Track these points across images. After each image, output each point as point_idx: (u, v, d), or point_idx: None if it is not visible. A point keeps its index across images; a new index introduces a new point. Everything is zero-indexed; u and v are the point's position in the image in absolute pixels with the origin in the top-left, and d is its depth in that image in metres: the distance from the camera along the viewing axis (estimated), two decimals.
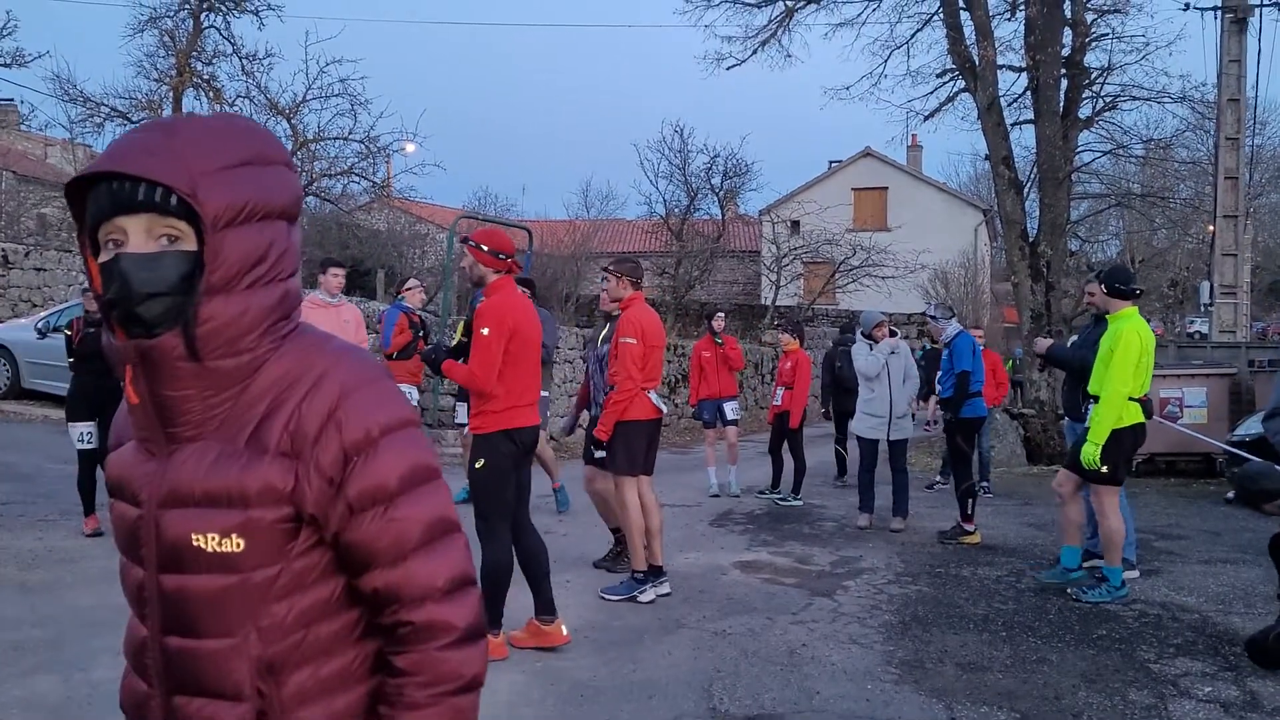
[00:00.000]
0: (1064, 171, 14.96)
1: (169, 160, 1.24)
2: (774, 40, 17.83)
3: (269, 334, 1.31)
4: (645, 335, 6.18)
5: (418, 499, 1.32)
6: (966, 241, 33.69)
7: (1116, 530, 6.27)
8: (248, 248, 1.28)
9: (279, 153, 1.36)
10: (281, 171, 1.34)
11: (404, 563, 1.29)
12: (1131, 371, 6.11)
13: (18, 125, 28.20)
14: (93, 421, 7.41)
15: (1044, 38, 14.47)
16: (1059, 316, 14.87)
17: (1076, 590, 6.43)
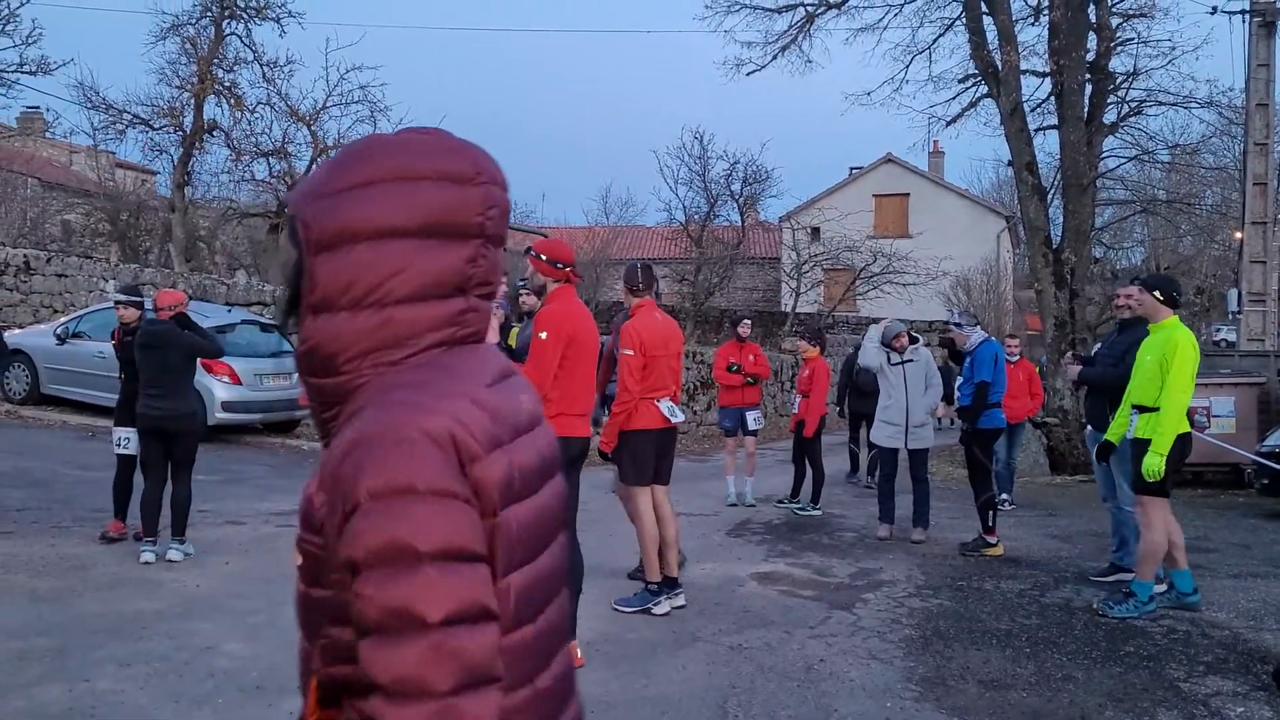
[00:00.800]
0: (1088, 177, 14.77)
1: (298, 187, 1.36)
2: (794, 45, 17.75)
3: (368, 358, 1.28)
4: (644, 345, 6.04)
5: (381, 580, 1.14)
6: (989, 248, 33.45)
7: (1159, 545, 6.10)
8: (338, 271, 1.27)
9: (405, 169, 1.30)
10: (400, 188, 1.29)
11: (361, 641, 1.16)
12: (1190, 380, 6.00)
13: (43, 132, 28.41)
14: (132, 428, 7.36)
15: (1068, 42, 14.30)
16: (1083, 324, 14.68)
17: (1103, 605, 6.27)
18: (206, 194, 24.03)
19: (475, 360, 1.33)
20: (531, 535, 1.28)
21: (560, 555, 1.37)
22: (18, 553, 6.81)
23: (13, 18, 22.54)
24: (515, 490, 1.25)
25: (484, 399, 1.27)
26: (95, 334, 13.69)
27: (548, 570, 1.32)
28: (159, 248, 23.78)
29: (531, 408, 1.37)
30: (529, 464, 1.29)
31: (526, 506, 1.28)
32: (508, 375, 1.37)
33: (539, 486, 1.31)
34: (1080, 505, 10.85)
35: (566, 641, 1.36)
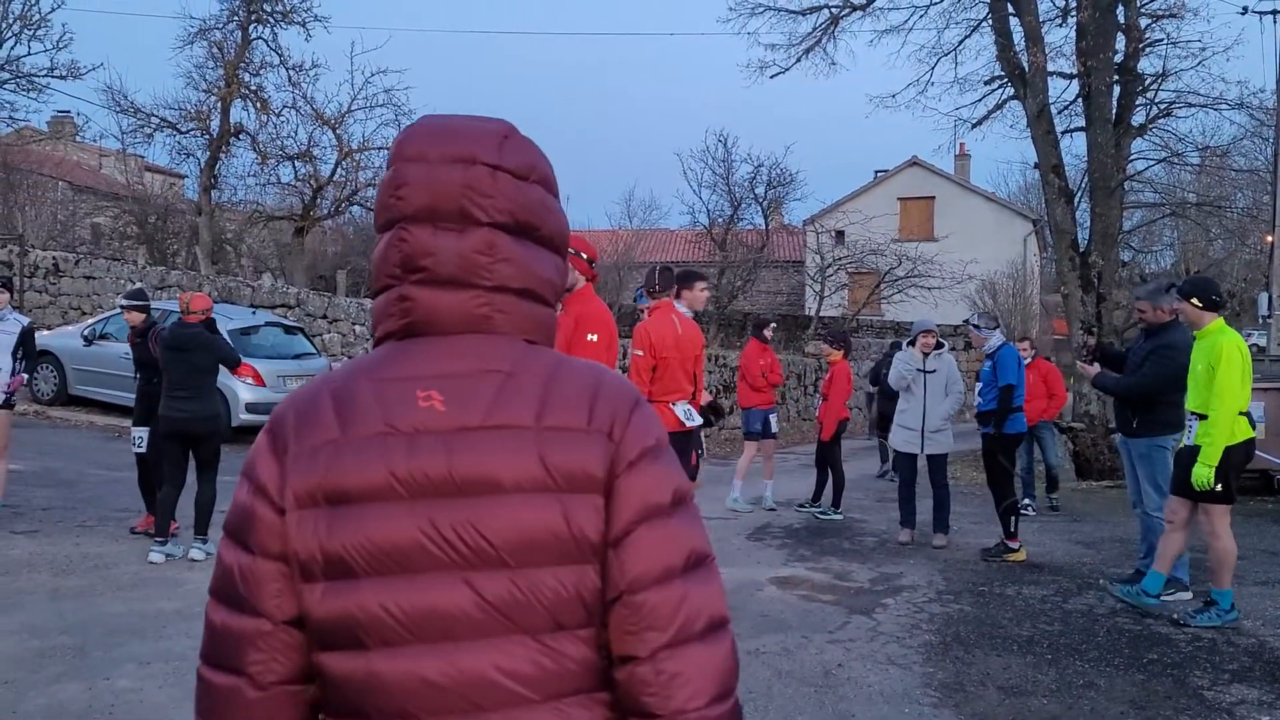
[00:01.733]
0: (1116, 180, 14.62)
1: None
2: (818, 48, 17.69)
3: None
4: (654, 346, 6.02)
5: None
6: (1015, 252, 33.20)
7: (1229, 551, 5.98)
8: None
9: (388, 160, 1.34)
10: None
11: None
12: (1239, 385, 5.89)
13: (73, 136, 28.75)
14: (145, 428, 7.54)
15: (1096, 43, 14.16)
16: (1110, 328, 14.52)
17: (1184, 615, 6.14)
18: (233, 197, 24.26)
19: (395, 353, 1.27)
20: (350, 554, 1.17)
21: (461, 597, 1.16)
22: (42, 551, 6.87)
23: (44, 23, 22.85)
24: (323, 494, 1.18)
25: (342, 389, 1.24)
26: (122, 336, 13.79)
27: (409, 604, 1.16)
28: (186, 250, 24.00)
29: (454, 409, 1.21)
30: (371, 468, 1.18)
31: (353, 515, 1.17)
32: (431, 375, 1.23)
33: (398, 498, 1.18)
34: (1106, 511, 10.73)
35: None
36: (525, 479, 1.18)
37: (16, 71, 23.40)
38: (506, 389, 1.23)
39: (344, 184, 23.03)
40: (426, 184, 1.26)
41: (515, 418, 1.21)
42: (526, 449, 1.19)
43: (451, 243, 1.26)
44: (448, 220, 1.26)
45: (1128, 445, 6.93)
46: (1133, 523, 8.62)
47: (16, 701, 4.30)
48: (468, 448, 1.19)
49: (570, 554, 1.18)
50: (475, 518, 1.17)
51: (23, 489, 8.66)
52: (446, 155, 1.27)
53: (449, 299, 1.26)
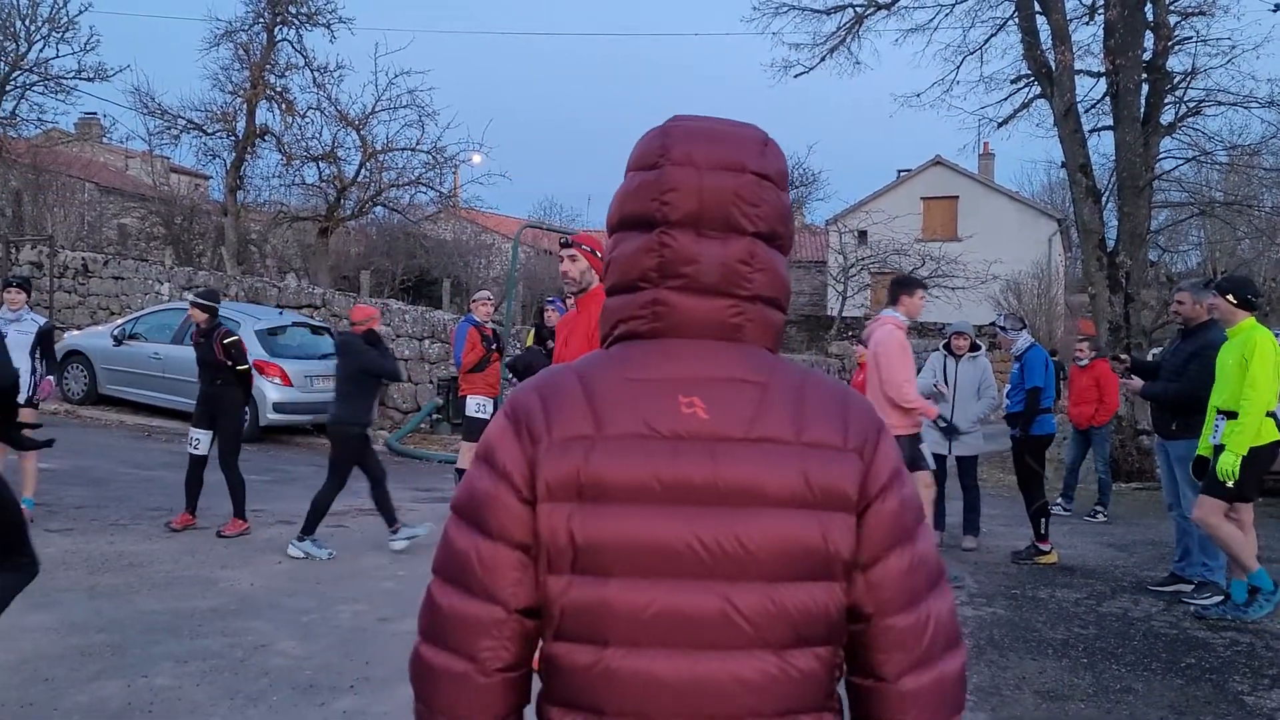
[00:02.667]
0: (1144, 179, 14.47)
1: None
2: (843, 47, 17.58)
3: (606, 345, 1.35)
4: None
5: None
6: (1040, 252, 32.97)
7: (1234, 534, 5.97)
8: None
9: (640, 159, 1.32)
10: (628, 179, 1.33)
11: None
12: (1272, 379, 5.84)
13: (100, 138, 29.01)
14: (205, 430, 7.80)
15: (1124, 41, 14.04)
16: (1138, 329, 14.39)
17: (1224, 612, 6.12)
18: (258, 198, 24.40)
19: (644, 353, 1.26)
20: (605, 550, 1.18)
21: (709, 603, 1.17)
22: (77, 549, 6.93)
23: (71, 25, 23.06)
24: (580, 488, 1.19)
25: (602, 385, 1.23)
26: (151, 335, 13.96)
27: (661, 606, 1.17)
28: (212, 251, 24.16)
29: (716, 417, 1.21)
30: (634, 467, 1.18)
31: (612, 512, 1.18)
32: (690, 379, 1.23)
33: (657, 501, 1.18)
34: (1138, 513, 10.65)
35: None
36: (787, 494, 1.19)
37: (45, 74, 23.65)
38: (765, 401, 1.23)
39: (368, 185, 23.13)
40: (696, 190, 1.25)
41: (776, 431, 1.21)
42: (789, 464, 1.20)
43: (716, 251, 1.25)
44: (713, 228, 1.26)
45: (1165, 448, 6.85)
46: (1165, 525, 8.56)
47: (57, 699, 4.33)
48: (732, 458, 1.19)
49: (822, 571, 1.21)
50: (737, 528, 1.18)
51: (55, 487, 8.73)
52: (717, 161, 1.26)
53: (706, 306, 1.26)
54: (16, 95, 23.71)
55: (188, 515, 7.80)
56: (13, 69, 23.25)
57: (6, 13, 22.85)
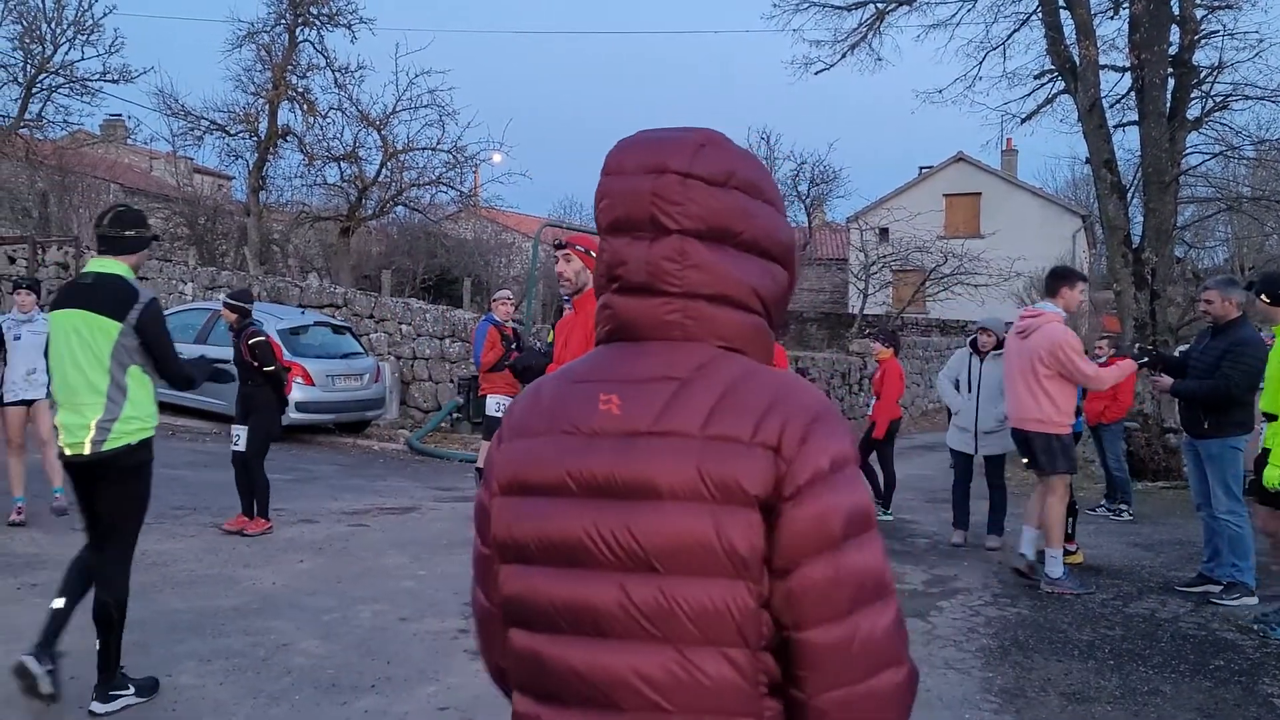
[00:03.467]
0: (1170, 175, 14.31)
1: None
2: (864, 43, 17.47)
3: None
4: None
5: None
6: (1064, 248, 32.69)
7: None
8: None
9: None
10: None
11: None
12: None
13: (125, 139, 29.24)
14: (243, 426, 7.87)
15: (1150, 35, 13.88)
16: (1164, 326, 14.23)
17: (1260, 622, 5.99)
18: (280, 198, 24.54)
19: (596, 357, 1.34)
20: (527, 543, 1.27)
21: (611, 595, 1.20)
22: None
23: (96, 28, 23.26)
24: (515, 485, 1.29)
25: (549, 389, 1.33)
26: (174, 335, 14.01)
27: (568, 595, 1.22)
28: (235, 251, 24.31)
29: (628, 413, 1.24)
30: (551, 464, 1.26)
31: (534, 506, 1.27)
32: (614, 379, 1.27)
33: (568, 495, 1.24)
34: (1163, 513, 10.53)
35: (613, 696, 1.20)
36: (681, 487, 1.18)
37: (70, 76, 23.89)
38: (679, 396, 1.23)
39: (389, 184, 23.21)
40: (621, 195, 1.31)
41: (681, 425, 1.21)
42: (686, 457, 1.19)
43: (641, 251, 1.29)
44: (640, 229, 1.30)
45: (1195, 446, 6.75)
46: (1193, 525, 8.46)
47: (82, 697, 4.35)
48: (633, 452, 1.21)
49: (720, 568, 1.17)
50: (631, 521, 1.20)
51: None
52: (639, 166, 1.31)
53: (640, 306, 1.29)
54: (43, 97, 23.97)
55: (244, 517, 7.85)
56: (39, 71, 23.49)
57: (33, 16, 23.09)
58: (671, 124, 1.36)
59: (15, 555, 6.64)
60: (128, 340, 4.30)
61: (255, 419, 7.82)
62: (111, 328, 4.27)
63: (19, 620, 5.33)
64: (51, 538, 7.13)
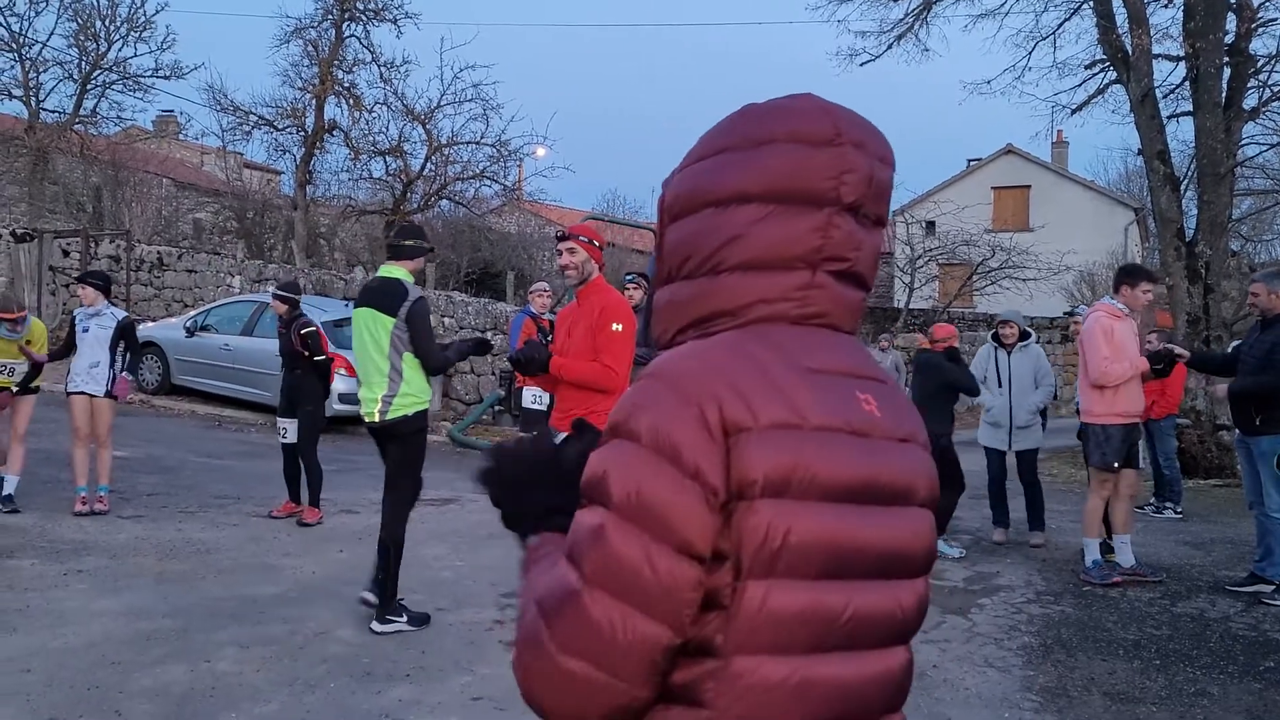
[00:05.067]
0: (1225, 166, 13.98)
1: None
2: (910, 34, 17.28)
3: (698, 328, 1.23)
4: None
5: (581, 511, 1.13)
6: (1116, 242, 32.12)
7: None
8: (682, 239, 1.26)
9: (759, 133, 1.23)
10: (750, 153, 1.23)
11: None
12: None
13: (176, 135, 29.71)
14: (291, 419, 7.94)
15: (1205, 24, 13.57)
16: (1218, 321, 13.92)
17: None
18: (327, 192, 24.77)
19: (803, 341, 1.18)
20: (813, 551, 1.10)
21: (895, 598, 1.20)
22: (147, 536, 7.09)
23: (149, 25, 23.64)
24: (796, 483, 1.09)
25: (778, 371, 1.14)
26: (222, 327, 14.24)
27: (878, 609, 1.17)
28: (282, 244, 24.60)
29: (886, 416, 1.22)
30: (842, 466, 1.13)
31: (822, 512, 1.11)
32: (857, 374, 1.22)
33: (850, 500, 1.14)
34: (1215, 511, 10.30)
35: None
36: (926, 495, 1.25)
37: (124, 72, 24.30)
38: (897, 399, 1.26)
39: (433, 178, 23.35)
40: (869, 177, 1.22)
41: (914, 431, 1.26)
42: (926, 463, 1.26)
43: (872, 240, 1.25)
44: (870, 217, 1.24)
45: (1247, 443, 6.58)
46: (1245, 523, 8.28)
47: (123, 682, 4.42)
48: (897, 457, 1.21)
49: (925, 568, 1.27)
50: (904, 527, 1.21)
51: (129, 475, 8.95)
52: (880, 153, 1.25)
53: (853, 296, 1.25)
54: (97, 94, 24.41)
55: (290, 504, 8.02)
56: (93, 68, 23.92)
57: (87, 14, 23.51)
58: (714, 118, 1.28)
59: (65, 542, 6.77)
60: (400, 331, 5.20)
61: (304, 410, 7.92)
62: (388, 321, 5.20)
63: (63, 605, 5.44)
64: (100, 526, 7.26)
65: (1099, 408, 6.68)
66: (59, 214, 22.61)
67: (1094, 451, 6.78)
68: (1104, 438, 6.69)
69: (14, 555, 6.38)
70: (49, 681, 4.37)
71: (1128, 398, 6.69)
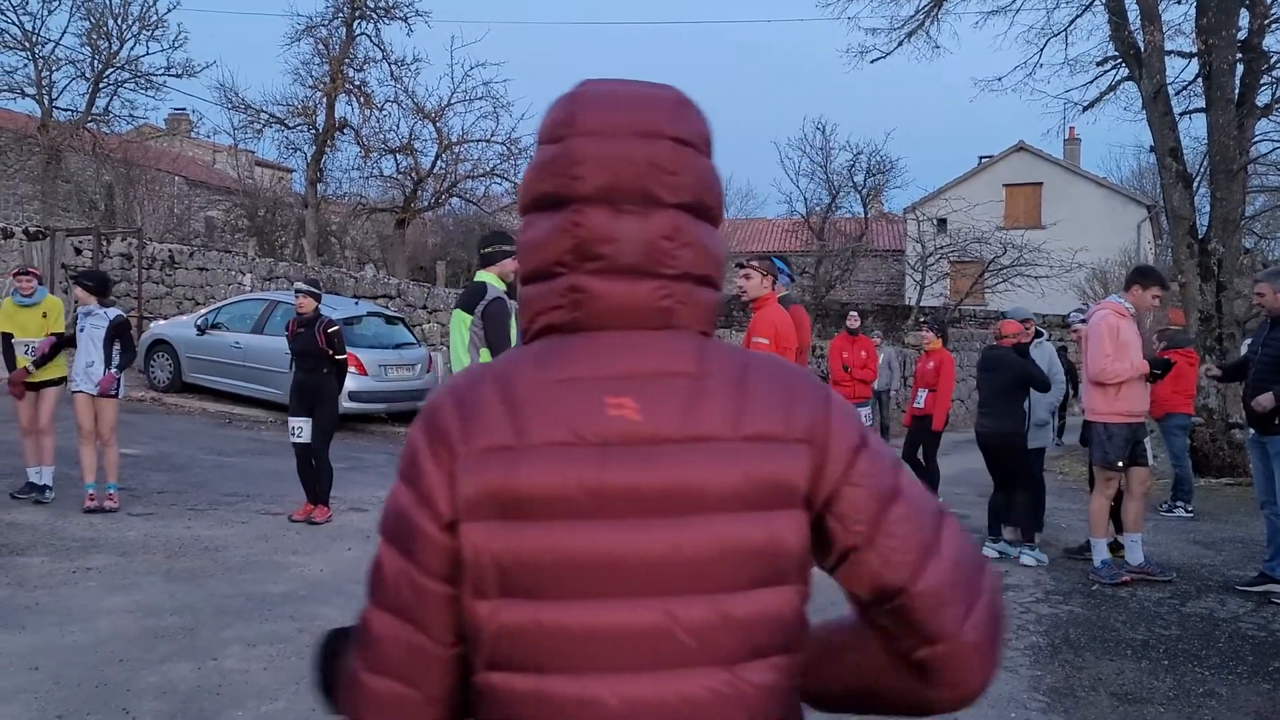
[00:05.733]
0: (1238, 163, 13.90)
1: None
2: (921, 31, 17.22)
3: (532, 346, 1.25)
4: (779, 336, 5.99)
5: None
6: (1128, 239, 31.98)
7: None
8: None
9: (547, 130, 1.23)
10: (536, 153, 1.26)
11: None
12: None
13: (188, 133, 29.83)
14: (305, 418, 7.82)
15: (1218, 20, 13.48)
16: (1230, 319, 13.85)
17: None
18: (337, 190, 24.86)
19: (568, 348, 1.15)
20: (533, 569, 1.08)
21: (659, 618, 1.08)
22: (156, 533, 7.12)
23: (160, 23, 23.74)
24: (499, 504, 1.09)
25: (523, 385, 1.12)
26: (232, 325, 14.28)
27: (597, 627, 1.08)
28: (294, 242, 24.68)
29: (652, 418, 1.11)
30: (558, 481, 1.08)
31: (535, 530, 1.08)
32: (621, 377, 1.12)
33: (585, 514, 1.09)
34: (1226, 510, 10.24)
35: None
36: (729, 495, 1.09)
37: (136, 71, 24.41)
38: (697, 394, 1.12)
39: (444, 176, 23.41)
40: (607, 161, 1.14)
41: (713, 428, 1.11)
42: (728, 462, 1.10)
43: (635, 227, 1.14)
44: (630, 202, 1.14)
45: (1261, 443, 6.54)
46: (1255, 523, 8.21)
47: (130, 679, 4.44)
48: (667, 461, 1.09)
49: (774, 575, 1.11)
50: (675, 536, 1.08)
51: (139, 473, 8.99)
52: (629, 128, 1.15)
53: (629, 290, 1.14)
54: (109, 92, 24.54)
55: (309, 505, 7.91)
56: (106, 66, 24.05)
57: (100, 12, 23.63)
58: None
59: (74, 540, 6.80)
60: (476, 328, 5.61)
61: (324, 408, 7.86)
62: (467, 319, 5.64)
63: (72, 602, 5.47)
64: (109, 524, 7.30)
65: (1102, 405, 6.67)
66: (71, 212, 22.73)
67: (1097, 450, 6.78)
68: (1106, 436, 6.67)
69: (24, 552, 6.42)
70: (57, 679, 4.39)
71: (1131, 397, 6.66)
